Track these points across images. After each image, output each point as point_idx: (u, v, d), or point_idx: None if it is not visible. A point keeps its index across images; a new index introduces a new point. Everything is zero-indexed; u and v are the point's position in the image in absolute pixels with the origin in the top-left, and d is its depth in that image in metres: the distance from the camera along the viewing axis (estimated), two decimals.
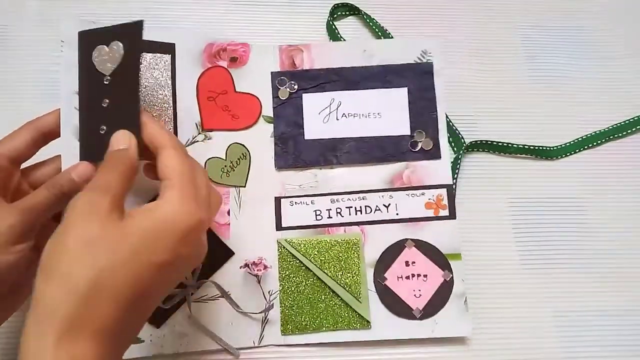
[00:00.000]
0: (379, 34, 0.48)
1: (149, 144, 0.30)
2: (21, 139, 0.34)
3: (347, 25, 0.49)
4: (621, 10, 0.48)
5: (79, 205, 0.26)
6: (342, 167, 0.42)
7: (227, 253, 0.40)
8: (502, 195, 0.44)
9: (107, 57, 0.35)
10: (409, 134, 0.43)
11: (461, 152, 0.44)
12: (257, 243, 0.40)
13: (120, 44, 0.35)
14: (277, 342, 0.39)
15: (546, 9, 0.48)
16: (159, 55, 0.40)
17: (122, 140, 0.30)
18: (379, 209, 0.41)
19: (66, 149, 0.35)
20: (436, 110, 0.43)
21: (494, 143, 0.44)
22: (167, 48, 0.41)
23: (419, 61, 0.44)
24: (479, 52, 0.47)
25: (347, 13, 0.48)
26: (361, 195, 0.42)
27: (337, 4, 0.47)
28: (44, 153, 0.36)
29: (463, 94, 0.46)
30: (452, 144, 0.45)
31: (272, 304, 0.39)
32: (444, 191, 0.42)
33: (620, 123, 0.45)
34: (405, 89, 0.43)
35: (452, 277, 0.40)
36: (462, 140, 0.44)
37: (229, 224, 0.40)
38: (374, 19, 0.48)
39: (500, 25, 0.48)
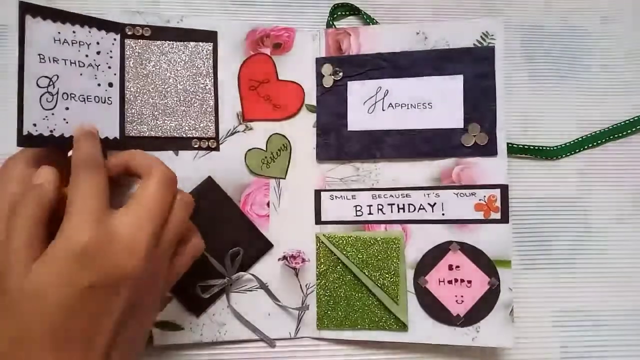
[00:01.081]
0: None
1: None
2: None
3: (347, 26, 0.46)
4: (621, 10, 0.46)
5: None
6: (386, 161, 0.40)
7: (266, 245, 0.40)
8: None
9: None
10: (462, 127, 0.39)
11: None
12: (295, 236, 0.40)
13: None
14: (313, 335, 0.39)
15: (546, 9, 0.47)
16: (201, 43, 0.40)
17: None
18: (423, 208, 0.39)
19: None
20: (495, 101, 0.39)
21: None
22: (209, 36, 0.40)
23: (478, 45, 0.39)
24: None
25: (347, 13, 0.46)
26: (405, 192, 0.39)
27: (337, 4, 0.45)
28: None
29: None
30: None
31: (308, 305, 0.39)
32: (497, 192, 0.38)
33: (620, 123, 0.44)
34: (461, 76, 0.39)
35: (499, 285, 0.37)
36: None
37: (268, 216, 0.40)
38: (374, 19, 0.45)
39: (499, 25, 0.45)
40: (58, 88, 0.31)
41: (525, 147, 0.43)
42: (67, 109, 0.31)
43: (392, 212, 0.40)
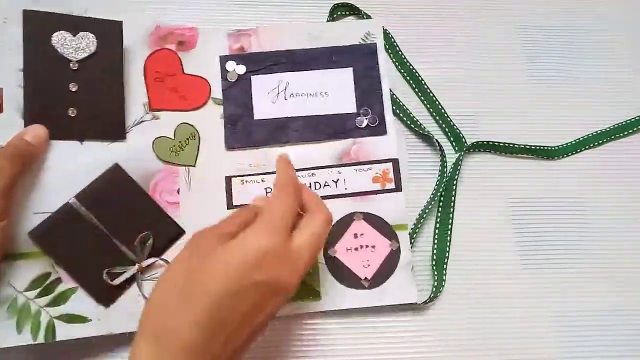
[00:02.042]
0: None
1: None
2: None
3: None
4: (622, 10, 0.48)
5: (191, 240, 0.31)
6: (292, 145, 0.43)
7: (178, 231, 0.40)
8: (502, 195, 0.44)
9: (75, 45, 0.38)
10: (355, 111, 0.44)
11: (462, 152, 0.44)
12: (207, 221, 0.40)
13: (92, 36, 0.39)
14: None
15: (546, 9, 0.48)
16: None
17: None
18: (328, 185, 0.43)
19: (10, 128, 0.35)
20: (381, 88, 0.44)
21: (496, 143, 0.44)
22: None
23: (362, 42, 0.45)
24: (479, 52, 0.48)
25: (347, 13, 0.48)
26: (310, 171, 0.43)
27: (337, 4, 0.47)
28: None
29: (463, 94, 0.46)
30: (453, 143, 0.45)
31: None
32: (389, 165, 0.43)
33: (621, 123, 0.45)
34: (351, 69, 0.45)
35: (399, 246, 0.41)
36: (464, 139, 0.45)
37: (178, 203, 0.41)
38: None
39: (500, 25, 0.48)
40: None
41: (527, 147, 0.44)
42: None
43: None
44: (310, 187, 0.42)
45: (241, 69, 0.44)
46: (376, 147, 0.43)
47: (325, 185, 0.43)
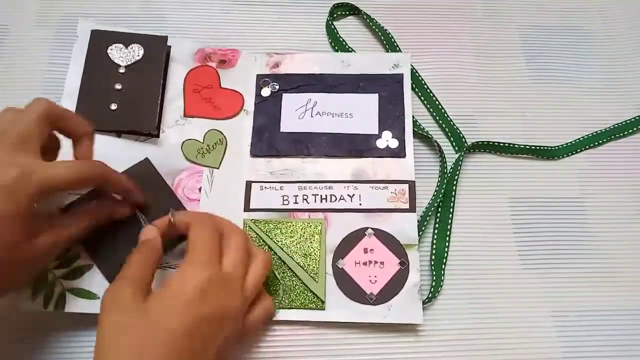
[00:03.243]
0: (379, 34, 0.50)
1: (180, 226, 0.36)
2: None
3: (347, 25, 0.50)
4: (621, 10, 0.49)
5: (107, 296, 0.31)
6: (313, 159, 0.45)
7: None
8: (502, 195, 0.44)
9: (125, 54, 0.44)
10: (377, 133, 0.46)
11: (462, 153, 0.44)
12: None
13: (140, 46, 0.44)
14: None
15: (546, 9, 0.49)
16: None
17: (150, 233, 0.36)
18: (343, 199, 0.43)
19: None
20: (404, 114, 0.46)
21: (496, 144, 0.45)
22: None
23: (390, 72, 0.48)
24: (479, 52, 0.48)
25: (347, 13, 0.49)
26: (328, 184, 0.44)
27: (337, 4, 0.48)
28: None
29: (463, 94, 0.47)
30: (454, 143, 0.46)
31: None
32: (406, 186, 0.44)
33: (621, 123, 0.45)
34: (377, 94, 0.47)
35: (408, 265, 0.41)
36: (464, 139, 0.45)
37: (198, 200, 0.43)
38: (374, 18, 0.49)
39: (500, 25, 0.49)
40: None
41: (527, 147, 0.44)
42: None
43: (315, 202, 0.43)
44: (325, 199, 0.43)
45: (274, 87, 0.48)
46: (395, 169, 0.44)
47: (340, 199, 0.43)
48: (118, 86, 0.44)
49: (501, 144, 0.45)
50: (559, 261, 0.42)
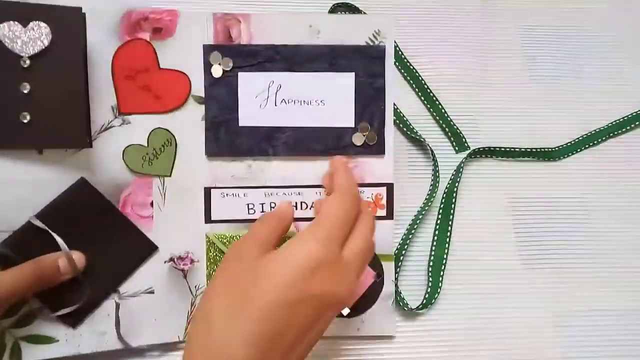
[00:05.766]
0: None
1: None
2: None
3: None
4: (621, 9, 0.48)
5: (232, 247, 0.31)
6: (279, 159, 0.39)
7: (150, 247, 0.38)
8: (503, 196, 0.43)
9: (25, 38, 0.32)
10: (353, 126, 0.39)
11: (464, 159, 0.43)
12: (184, 236, 0.38)
13: (45, 26, 0.33)
14: None
15: (546, 9, 0.48)
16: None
17: (285, 205, 0.35)
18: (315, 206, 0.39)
19: None
20: (384, 102, 0.39)
21: (497, 149, 0.44)
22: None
23: (370, 43, 0.39)
24: (479, 52, 0.46)
25: (347, 13, 0.45)
26: (297, 190, 0.39)
27: (337, 4, 0.45)
28: None
29: (463, 94, 0.45)
30: (454, 143, 0.44)
31: None
32: (383, 190, 0.40)
33: (618, 120, 0.45)
34: (353, 74, 0.39)
35: (383, 277, 0.40)
36: (464, 139, 0.44)
37: (152, 217, 0.38)
38: None
39: (500, 25, 0.47)
40: None
41: (526, 150, 0.44)
42: None
43: None
44: (295, 207, 0.39)
45: (227, 63, 0.38)
46: (371, 169, 0.40)
47: (312, 207, 0.39)
48: (25, 88, 0.33)
49: (501, 149, 0.44)
50: (559, 261, 0.42)
